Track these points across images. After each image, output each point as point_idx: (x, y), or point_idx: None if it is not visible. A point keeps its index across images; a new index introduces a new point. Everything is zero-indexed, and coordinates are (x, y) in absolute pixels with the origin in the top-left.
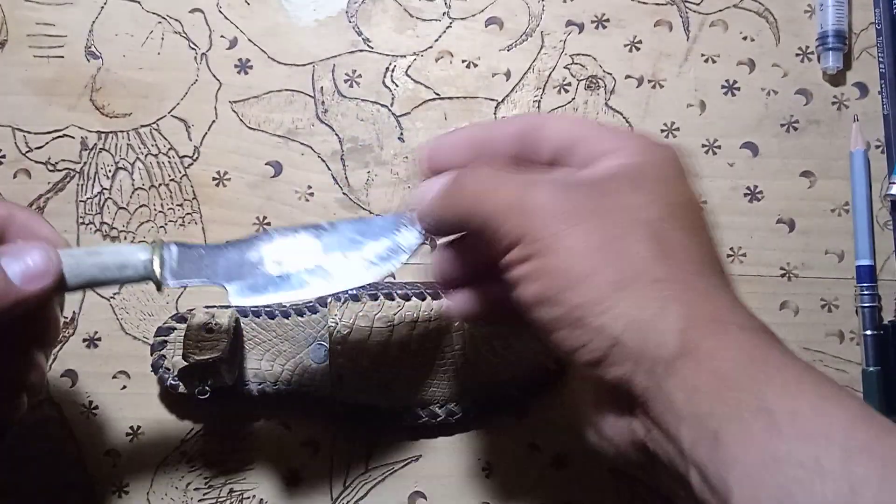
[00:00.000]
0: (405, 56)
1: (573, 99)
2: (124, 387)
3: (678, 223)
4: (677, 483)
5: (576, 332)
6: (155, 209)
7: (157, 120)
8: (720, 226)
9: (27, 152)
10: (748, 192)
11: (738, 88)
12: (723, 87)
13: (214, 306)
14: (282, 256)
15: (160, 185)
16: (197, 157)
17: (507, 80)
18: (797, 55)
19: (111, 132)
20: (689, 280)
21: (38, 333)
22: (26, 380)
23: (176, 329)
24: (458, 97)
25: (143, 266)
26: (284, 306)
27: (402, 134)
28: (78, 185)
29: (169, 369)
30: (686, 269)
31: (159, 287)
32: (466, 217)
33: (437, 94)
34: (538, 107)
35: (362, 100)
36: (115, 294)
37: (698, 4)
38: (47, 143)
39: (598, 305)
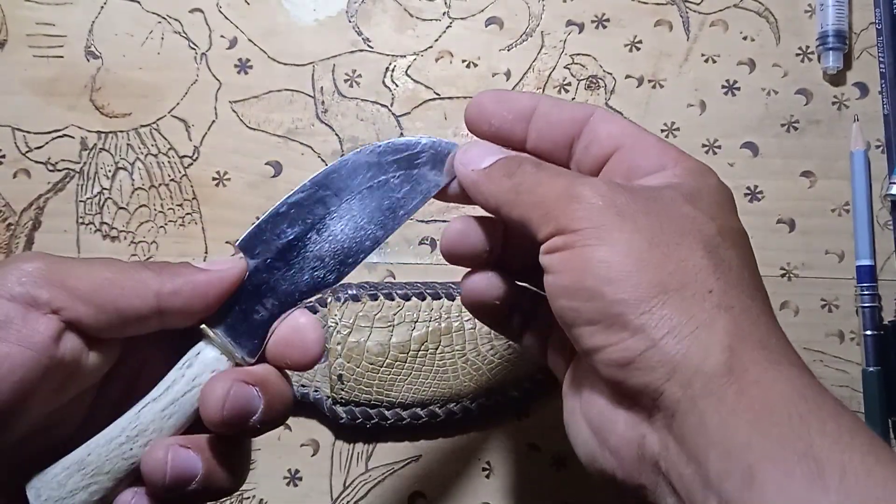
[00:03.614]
0: (405, 56)
1: (573, 99)
2: None
3: (732, 244)
4: None
5: (610, 329)
6: (155, 209)
7: (157, 120)
8: None
9: (27, 152)
10: (748, 192)
11: (739, 88)
12: (723, 86)
13: None
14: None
15: (160, 185)
16: (197, 157)
17: (507, 79)
18: (797, 55)
19: (111, 132)
20: (741, 299)
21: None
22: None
23: None
24: (458, 97)
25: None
26: None
27: (402, 134)
28: (78, 185)
29: None
30: (739, 288)
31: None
32: (508, 204)
33: (437, 94)
34: None
35: (362, 100)
36: None
37: (698, 4)
38: (47, 143)
39: (641, 304)
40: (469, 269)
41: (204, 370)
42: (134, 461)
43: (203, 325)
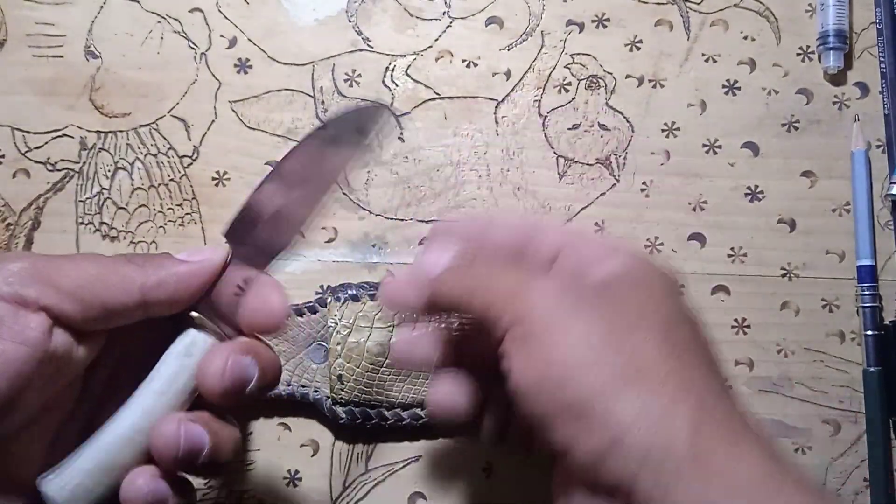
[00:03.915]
0: (405, 55)
1: (573, 99)
2: None
3: (684, 326)
4: None
5: (578, 423)
6: (154, 209)
7: (157, 120)
8: (721, 226)
9: (26, 152)
10: (749, 191)
11: (739, 88)
12: (723, 86)
13: None
14: None
15: (159, 184)
16: (196, 157)
17: (507, 79)
18: (798, 55)
19: (110, 132)
20: (699, 380)
21: None
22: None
23: None
24: (458, 97)
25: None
26: None
27: (401, 134)
28: (77, 184)
29: None
30: (696, 368)
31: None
32: (465, 304)
33: (437, 94)
34: (538, 106)
35: (362, 99)
36: None
37: (699, 4)
38: (46, 142)
39: (603, 395)
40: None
41: (197, 351)
42: (143, 448)
43: (191, 312)
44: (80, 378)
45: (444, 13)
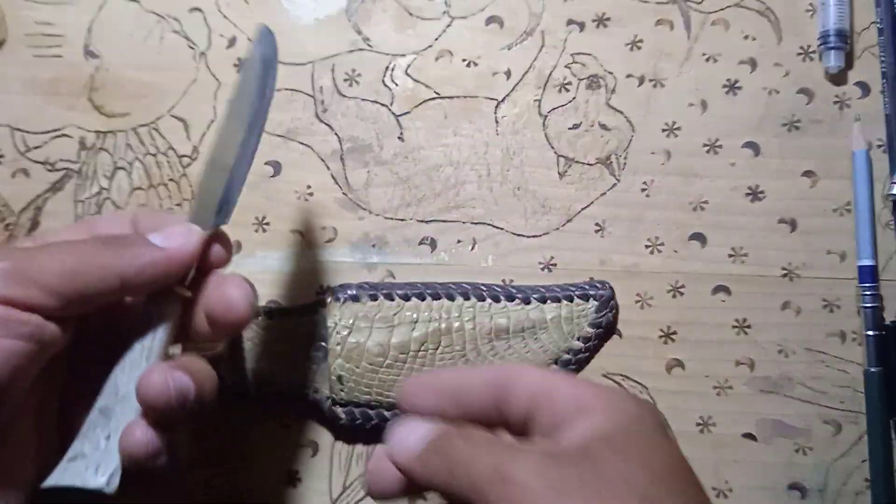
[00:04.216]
0: (405, 55)
1: (574, 98)
2: None
3: (669, 487)
4: None
5: None
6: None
7: (156, 119)
8: (721, 226)
9: (26, 152)
10: (749, 191)
11: (740, 88)
12: (724, 86)
13: None
14: None
15: (159, 184)
16: (196, 157)
17: (507, 79)
18: (798, 54)
19: (110, 132)
20: None
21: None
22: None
23: None
24: (458, 96)
25: None
26: (284, 306)
27: (401, 133)
28: (76, 184)
29: None
30: None
31: None
32: (446, 486)
33: (437, 94)
34: (538, 106)
35: (362, 99)
36: None
37: (699, 3)
38: (46, 142)
39: None
40: None
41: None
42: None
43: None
44: (60, 358)
45: (443, 13)
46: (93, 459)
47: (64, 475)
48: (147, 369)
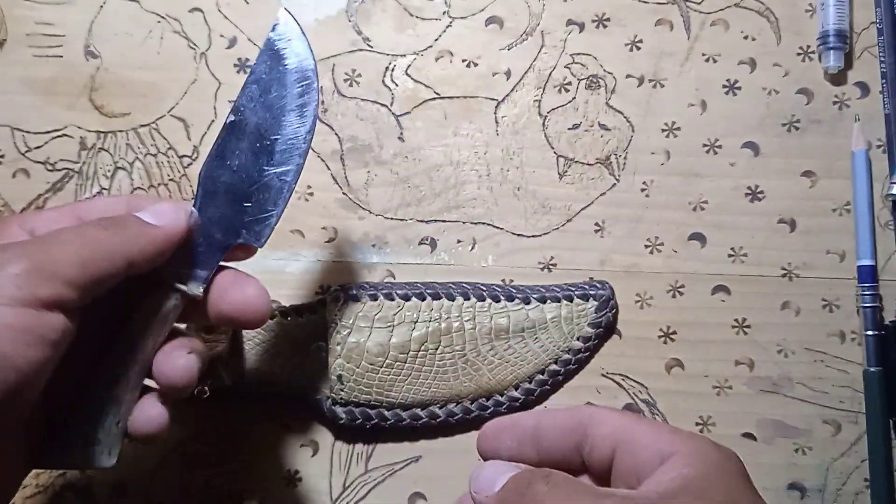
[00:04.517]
0: (405, 55)
1: (574, 98)
2: None
3: None
4: None
5: None
6: None
7: (157, 119)
8: (721, 226)
9: (26, 152)
10: (749, 191)
11: (739, 88)
12: (724, 86)
13: None
14: None
15: (159, 184)
16: (196, 157)
17: (507, 79)
18: (798, 54)
19: (110, 132)
20: None
21: None
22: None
23: None
24: (458, 96)
25: None
26: (284, 306)
27: (401, 133)
28: (77, 184)
29: None
30: None
31: None
32: None
33: (437, 94)
34: (538, 106)
35: (362, 99)
36: None
37: (699, 4)
38: (46, 142)
39: None
40: None
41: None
42: (136, 382)
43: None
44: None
45: (444, 13)
46: (106, 444)
47: (81, 461)
48: (169, 354)
